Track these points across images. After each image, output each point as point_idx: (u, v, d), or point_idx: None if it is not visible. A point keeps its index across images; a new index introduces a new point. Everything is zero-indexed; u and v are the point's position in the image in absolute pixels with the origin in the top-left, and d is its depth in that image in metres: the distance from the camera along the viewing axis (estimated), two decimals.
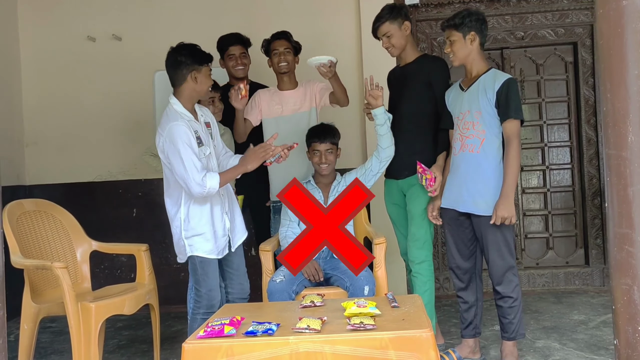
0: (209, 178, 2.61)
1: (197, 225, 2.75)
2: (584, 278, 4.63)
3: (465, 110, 2.84)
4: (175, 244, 2.82)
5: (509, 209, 2.70)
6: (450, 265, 3.01)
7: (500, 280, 2.82)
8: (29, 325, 2.86)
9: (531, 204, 4.79)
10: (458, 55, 2.84)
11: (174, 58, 2.75)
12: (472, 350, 3.03)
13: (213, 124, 2.95)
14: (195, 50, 2.77)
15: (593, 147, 4.64)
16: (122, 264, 4.62)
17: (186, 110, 2.75)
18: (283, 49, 3.43)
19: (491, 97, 2.75)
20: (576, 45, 4.63)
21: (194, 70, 2.73)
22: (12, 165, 4.61)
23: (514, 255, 2.85)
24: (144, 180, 4.52)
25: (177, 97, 2.77)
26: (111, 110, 4.69)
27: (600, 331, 3.49)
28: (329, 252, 3.06)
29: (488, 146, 2.77)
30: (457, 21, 2.80)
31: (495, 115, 2.76)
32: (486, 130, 2.77)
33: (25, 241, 3.02)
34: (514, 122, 2.73)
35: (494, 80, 2.77)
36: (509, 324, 2.84)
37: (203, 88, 2.78)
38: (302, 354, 1.91)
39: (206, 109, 3.00)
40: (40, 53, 4.76)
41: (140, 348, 3.64)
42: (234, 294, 2.94)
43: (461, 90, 2.92)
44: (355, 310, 2.10)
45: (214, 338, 1.95)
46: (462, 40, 2.81)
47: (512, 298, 2.81)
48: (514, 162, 2.70)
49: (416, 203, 3.10)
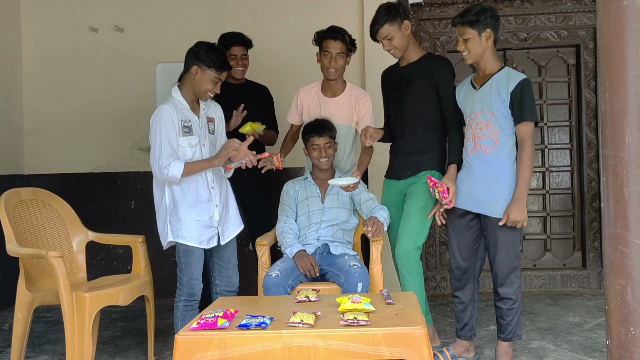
0: (173, 166, 2.68)
1: (181, 213, 2.78)
2: (580, 280, 4.63)
3: (477, 109, 2.78)
4: (160, 230, 2.85)
5: (521, 213, 2.66)
6: (450, 265, 2.99)
7: (504, 282, 2.80)
8: (23, 314, 2.86)
9: (530, 206, 4.78)
10: (473, 54, 2.74)
11: (193, 48, 2.80)
12: (466, 349, 3.02)
13: (218, 120, 2.97)
14: (212, 50, 2.77)
15: (593, 150, 4.63)
16: (118, 256, 4.62)
17: (183, 99, 2.80)
18: (336, 52, 3.17)
19: (505, 98, 2.69)
20: (579, 47, 4.62)
21: (197, 66, 2.75)
22: (11, 154, 4.61)
23: (519, 258, 2.83)
24: (143, 173, 4.51)
25: (179, 87, 2.84)
26: (112, 101, 4.69)
27: (595, 334, 3.49)
28: (325, 248, 3.06)
29: (502, 147, 2.73)
30: (472, 18, 2.69)
31: (509, 116, 2.71)
32: (500, 132, 2.73)
33: (21, 230, 3.02)
34: (528, 125, 2.67)
35: (508, 80, 2.70)
36: (506, 325, 2.83)
37: (199, 87, 2.79)
38: (294, 348, 1.91)
39: (216, 105, 3.00)
40: (41, 43, 4.75)
41: (135, 339, 3.64)
42: (221, 286, 2.96)
43: (473, 89, 2.84)
44: (349, 306, 2.09)
45: (207, 330, 1.95)
46: (478, 38, 2.70)
47: (512, 300, 2.80)
48: (527, 165, 2.66)
49: (415, 200, 3.04)
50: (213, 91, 2.81)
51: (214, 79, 2.77)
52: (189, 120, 2.79)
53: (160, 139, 2.69)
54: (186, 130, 2.76)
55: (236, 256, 3.01)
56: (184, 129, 2.76)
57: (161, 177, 2.74)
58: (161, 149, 2.69)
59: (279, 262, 2.95)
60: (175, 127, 2.72)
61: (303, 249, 2.98)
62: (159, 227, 2.85)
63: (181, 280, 2.82)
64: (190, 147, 2.78)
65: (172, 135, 2.71)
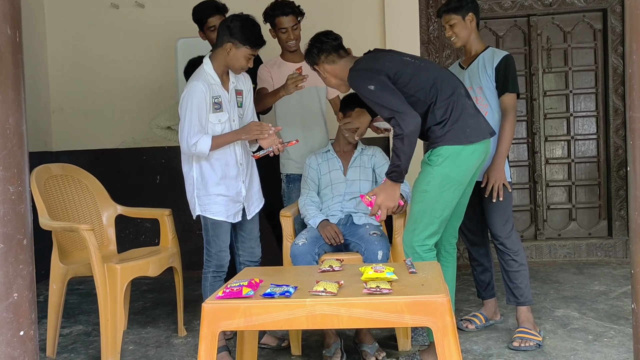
0: (201, 142, 2.71)
1: (209, 187, 2.82)
2: (606, 250, 4.59)
3: (467, 86, 2.90)
4: (189, 200, 2.90)
5: (497, 174, 2.89)
6: (460, 227, 3.03)
7: (505, 239, 2.94)
8: (58, 285, 2.96)
9: (555, 175, 4.74)
10: (460, 36, 2.99)
11: (226, 22, 2.76)
12: (494, 311, 3.20)
13: (246, 93, 2.96)
14: (246, 26, 2.72)
15: (620, 117, 4.55)
16: (146, 230, 4.72)
17: (215, 73, 2.79)
18: (291, 26, 3.28)
19: (491, 73, 2.94)
20: (606, 12, 4.51)
21: (231, 43, 2.72)
22: (40, 132, 4.71)
23: (511, 220, 2.98)
24: (167, 148, 4.58)
25: (211, 59, 2.81)
26: (134, 78, 4.74)
27: (621, 302, 3.48)
28: (348, 219, 3.09)
29: (490, 119, 2.89)
30: (455, 4, 2.95)
31: (495, 91, 2.95)
32: (488, 105, 2.94)
33: (53, 204, 3.11)
34: (510, 96, 2.91)
35: (492, 57, 2.95)
36: (516, 289, 2.95)
37: (233, 63, 2.77)
38: (318, 316, 1.94)
39: (245, 76, 2.97)
40: (65, 20, 4.80)
41: (165, 310, 3.75)
42: (244, 256, 3.01)
43: (461, 69, 3.07)
44: (372, 274, 2.12)
45: (233, 299, 2.00)
46: (462, 21, 2.96)
47: (518, 262, 2.94)
48: (509, 133, 2.90)
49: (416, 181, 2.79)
50: (246, 66, 2.81)
51: (249, 56, 2.76)
52: (219, 97, 2.78)
53: (190, 116, 2.69)
54: (216, 107, 2.76)
55: (258, 227, 3.05)
56: (215, 105, 2.76)
57: (189, 153, 2.77)
58: (190, 126, 2.70)
59: (305, 231, 2.99)
60: (206, 104, 2.73)
61: (326, 219, 3.02)
62: (187, 196, 2.89)
63: (209, 252, 2.88)
64: (220, 124, 2.79)
65: (202, 112, 2.72)
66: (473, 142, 2.54)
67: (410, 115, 2.46)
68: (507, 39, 4.70)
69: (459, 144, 2.53)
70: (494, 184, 2.90)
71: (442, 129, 2.54)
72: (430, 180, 2.55)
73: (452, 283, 2.75)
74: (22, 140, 1.59)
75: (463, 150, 2.53)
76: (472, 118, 2.58)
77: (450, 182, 2.54)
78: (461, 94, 2.61)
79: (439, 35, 4.53)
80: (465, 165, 2.56)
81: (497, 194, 2.89)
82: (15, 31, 1.58)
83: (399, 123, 2.45)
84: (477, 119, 2.61)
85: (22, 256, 1.57)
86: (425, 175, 2.58)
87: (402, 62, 2.64)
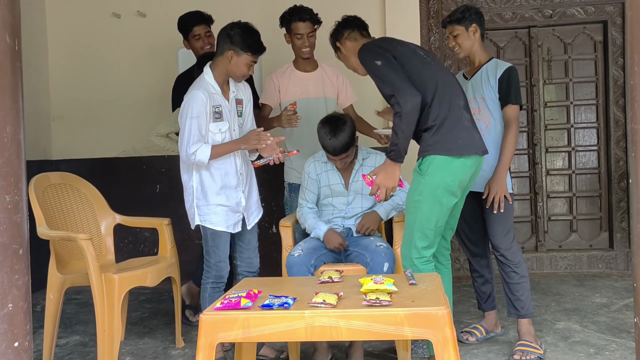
0: (200, 152, 2.70)
1: (209, 197, 2.81)
2: (607, 261, 4.57)
3: (470, 97, 2.94)
4: (187, 210, 2.88)
5: (498, 185, 2.88)
6: (461, 237, 3.13)
7: (506, 250, 2.92)
8: (55, 295, 2.94)
9: (555, 186, 4.72)
10: (463, 47, 2.99)
11: (226, 30, 2.77)
12: (495, 323, 3.18)
13: (246, 102, 2.96)
14: (247, 33, 2.74)
15: (621, 128, 4.54)
16: (145, 239, 4.70)
17: (215, 82, 2.78)
18: (307, 33, 3.28)
19: (494, 85, 2.94)
20: (606, 24, 4.51)
21: (232, 50, 2.73)
22: (39, 140, 4.70)
23: (512, 231, 2.97)
24: (167, 157, 4.56)
25: (212, 68, 2.81)
26: (135, 87, 4.74)
27: (623, 314, 3.45)
28: (349, 231, 3.06)
29: (493, 130, 2.93)
30: (459, 16, 2.97)
31: (498, 102, 2.94)
32: (490, 116, 2.95)
33: (51, 213, 3.09)
34: (513, 107, 2.91)
35: (496, 68, 2.95)
36: (517, 301, 2.93)
37: (235, 71, 2.78)
38: (317, 328, 1.92)
39: (245, 85, 2.98)
40: (66, 29, 4.81)
41: (162, 320, 3.72)
42: (242, 267, 3.00)
43: (465, 79, 3.06)
44: (372, 286, 2.10)
45: (231, 310, 1.98)
46: (465, 32, 2.96)
47: (519, 274, 2.91)
48: (511, 145, 2.89)
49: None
50: (248, 74, 2.81)
51: (250, 63, 2.76)
52: (220, 106, 2.78)
53: (190, 125, 2.69)
54: (217, 116, 2.76)
55: (257, 238, 3.04)
56: (215, 114, 2.76)
57: (188, 162, 2.77)
58: (190, 135, 2.70)
59: (302, 242, 2.98)
60: (206, 113, 2.73)
61: (331, 228, 2.99)
62: (187, 206, 2.88)
63: (208, 263, 2.86)
64: (221, 133, 2.79)
65: (202, 122, 2.72)
66: (463, 154, 2.53)
67: (410, 94, 2.46)
68: (508, 50, 4.70)
69: (449, 155, 2.51)
70: (495, 196, 2.89)
71: (432, 137, 2.54)
72: (422, 190, 2.55)
73: (448, 294, 2.72)
74: (19, 149, 1.58)
75: (453, 161, 2.52)
76: (466, 131, 2.57)
77: (442, 191, 2.53)
78: (459, 105, 2.60)
79: (440, 46, 4.54)
80: (455, 175, 2.54)
81: (497, 206, 2.89)
82: (14, 39, 1.58)
83: (398, 101, 2.46)
84: (471, 133, 2.60)
85: (18, 266, 1.56)
86: (417, 185, 2.57)
87: (414, 52, 2.68)
